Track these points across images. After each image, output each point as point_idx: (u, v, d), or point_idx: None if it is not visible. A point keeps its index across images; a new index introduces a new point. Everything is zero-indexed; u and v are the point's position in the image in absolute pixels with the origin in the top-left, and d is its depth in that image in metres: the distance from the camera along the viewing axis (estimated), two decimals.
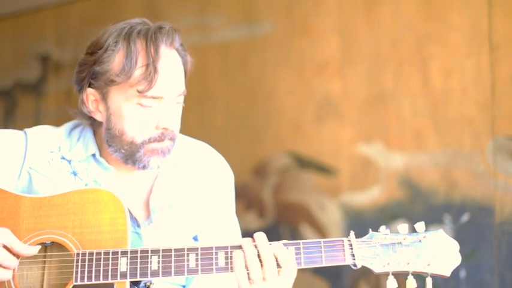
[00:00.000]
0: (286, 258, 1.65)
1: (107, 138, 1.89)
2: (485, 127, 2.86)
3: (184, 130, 2.17)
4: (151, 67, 1.79)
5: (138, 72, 1.81)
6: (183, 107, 1.97)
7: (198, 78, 3.58)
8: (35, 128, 1.97)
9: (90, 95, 1.89)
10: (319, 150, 3.29)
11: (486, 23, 2.87)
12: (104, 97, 1.87)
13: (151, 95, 1.81)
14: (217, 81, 3.61)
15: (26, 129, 1.95)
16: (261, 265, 1.65)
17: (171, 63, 1.86)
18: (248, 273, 1.64)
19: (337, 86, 3.25)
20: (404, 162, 3.05)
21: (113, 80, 1.82)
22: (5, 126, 4.16)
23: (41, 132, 1.96)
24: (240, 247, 1.68)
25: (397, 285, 1.64)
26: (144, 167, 1.88)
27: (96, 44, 1.88)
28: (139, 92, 1.80)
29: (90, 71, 1.87)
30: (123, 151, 1.86)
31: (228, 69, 3.59)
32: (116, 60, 1.83)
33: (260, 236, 1.68)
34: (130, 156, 1.86)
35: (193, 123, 3.58)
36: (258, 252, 1.66)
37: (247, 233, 2.15)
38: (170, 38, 1.86)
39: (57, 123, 2.07)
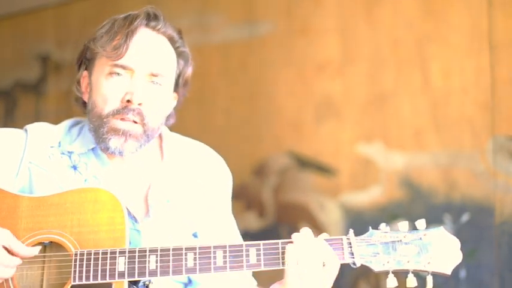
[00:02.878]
0: (331, 255, 1.66)
1: (88, 117, 1.95)
2: (485, 127, 2.85)
3: (184, 130, 2.17)
4: (123, 38, 1.88)
5: (114, 43, 1.89)
6: (180, 104, 2.02)
7: (198, 78, 3.57)
8: (35, 124, 2.00)
9: (85, 78, 1.98)
10: (319, 150, 3.29)
11: (486, 23, 2.87)
12: (90, 75, 1.95)
13: (121, 63, 1.87)
14: (217, 81, 3.61)
15: (27, 126, 1.98)
16: (311, 261, 1.65)
17: (149, 41, 1.93)
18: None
19: (337, 86, 3.25)
20: (404, 162, 3.05)
21: (94, 51, 1.92)
22: (5, 126, 4.14)
23: (41, 128, 1.98)
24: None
25: (397, 284, 1.64)
26: (107, 149, 1.89)
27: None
28: (108, 58, 1.87)
29: (85, 51, 1.98)
30: (92, 126, 1.91)
31: (228, 69, 3.58)
32: (102, 38, 1.92)
33: (309, 232, 1.69)
34: (97, 133, 1.89)
35: (193, 123, 3.58)
36: (307, 248, 1.66)
37: (247, 233, 2.15)
38: (154, 21, 1.95)
39: (57, 123, 2.07)
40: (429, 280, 1.63)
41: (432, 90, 2.99)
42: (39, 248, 1.72)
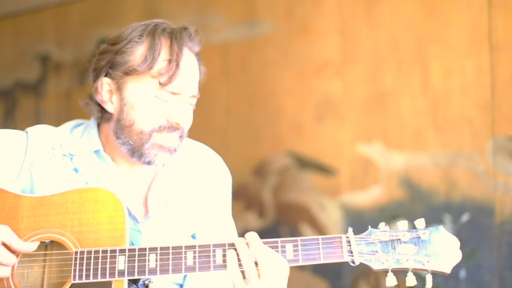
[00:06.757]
0: (276, 257, 1.66)
1: (116, 130, 1.90)
2: (485, 127, 2.85)
3: None
4: (174, 62, 1.84)
5: (161, 65, 1.85)
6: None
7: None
8: (36, 126, 1.99)
9: (106, 85, 1.91)
10: (319, 150, 3.29)
11: (486, 23, 2.87)
12: (120, 87, 1.89)
13: (171, 90, 1.85)
14: (217, 81, 3.61)
15: (28, 128, 1.97)
16: (256, 264, 1.65)
17: (191, 64, 1.91)
18: (243, 272, 1.65)
19: (337, 86, 3.25)
20: (404, 162, 3.05)
21: (135, 69, 1.85)
22: (5, 126, 4.17)
23: (42, 130, 1.97)
24: (233, 245, 1.69)
25: (396, 283, 1.64)
26: (149, 163, 1.88)
27: (119, 36, 1.92)
28: (161, 84, 1.83)
29: (110, 61, 1.90)
30: (131, 143, 1.87)
31: (228, 69, 3.59)
32: (138, 52, 1.87)
33: (252, 236, 1.69)
34: (138, 148, 1.87)
35: (193, 124, 3.56)
36: (252, 251, 1.66)
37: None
38: (193, 41, 1.92)
39: (57, 123, 2.07)
40: (428, 279, 1.63)
41: (432, 90, 2.99)
42: (37, 243, 1.72)
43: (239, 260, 1.66)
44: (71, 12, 4.20)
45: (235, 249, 1.68)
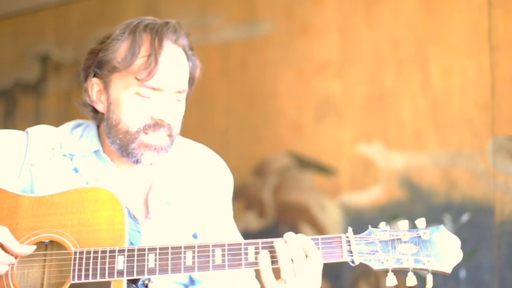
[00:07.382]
0: (312, 248, 1.65)
1: (106, 129, 1.91)
2: (485, 127, 2.85)
3: (184, 130, 2.17)
4: (152, 58, 1.83)
5: (140, 61, 1.84)
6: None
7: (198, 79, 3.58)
8: (36, 126, 1.99)
9: (95, 85, 1.93)
10: (319, 150, 3.29)
11: (486, 23, 2.87)
12: (106, 86, 1.90)
13: (150, 85, 1.83)
14: (217, 81, 3.61)
15: (28, 129, 1.97)
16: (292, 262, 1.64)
17: (174, 58, 1.89)
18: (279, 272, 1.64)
19: (337, 86, 3.25)
20: (404, 162, 3.05)
21: (115, 67, 1.85)
22: (5, 126, 4.17)
23: (42, 130, 1.97)
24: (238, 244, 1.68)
25: (396, 283, 1.63)
26: (137, 162, 1.88)
27: (106, 36, 1.93)
28: (138, 80, 1.83)
29: (96, 60, 1.91)
30: (118, 141, 1.88)
31: (228, 69, 3.59)
32: (120, 49, 1.87)
33: (290, 234, 1.69)
34: (125, 147, 1.87)
35: (193, 124, 3.58)
36: (290, 249, 1.65)
37: (247, 233, 2.15)
38: (175, 35, 1.90)
39: (57, 123, 2.07)
40: (429, 279, 1.62)
41: (432, 90, 2.99)
42: (34, 247, 1.72)
43: (275, 258, 1.65)
44: (71, 12, 4.20)
45: (270, 249, 1.67)
